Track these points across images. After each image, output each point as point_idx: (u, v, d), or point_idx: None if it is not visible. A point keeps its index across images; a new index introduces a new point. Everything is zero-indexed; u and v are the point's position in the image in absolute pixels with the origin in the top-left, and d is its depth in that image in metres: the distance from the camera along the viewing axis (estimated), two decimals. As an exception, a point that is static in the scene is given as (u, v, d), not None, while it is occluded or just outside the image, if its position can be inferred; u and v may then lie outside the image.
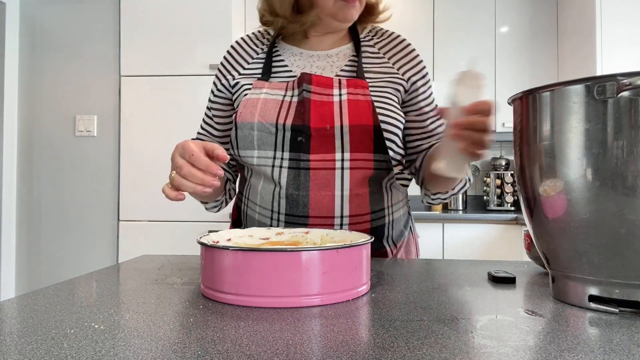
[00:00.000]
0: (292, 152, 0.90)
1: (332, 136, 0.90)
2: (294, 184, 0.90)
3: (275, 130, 0.90)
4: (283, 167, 0.91)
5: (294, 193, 0.90)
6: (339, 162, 0.90)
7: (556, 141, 0.52)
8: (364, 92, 0.92)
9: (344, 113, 0.90)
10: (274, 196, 0.92)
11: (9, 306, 0.54)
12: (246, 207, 1.00)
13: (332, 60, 1.00)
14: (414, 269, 0.80)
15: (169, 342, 0.42)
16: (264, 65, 0.99)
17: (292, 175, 0.91)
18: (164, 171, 2.82)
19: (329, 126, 0.89)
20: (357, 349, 0.40)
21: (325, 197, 0.90)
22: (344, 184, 0.90)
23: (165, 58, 2.85)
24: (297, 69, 0.98)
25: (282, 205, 0.92)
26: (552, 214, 0.53)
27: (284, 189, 0.91)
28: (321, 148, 0.90)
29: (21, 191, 3.00)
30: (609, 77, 0.47)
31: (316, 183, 0.90)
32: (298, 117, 0.90)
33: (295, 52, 1.01)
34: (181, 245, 2.75)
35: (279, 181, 0.91)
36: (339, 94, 0.92)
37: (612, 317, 0.50)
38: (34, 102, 3.01)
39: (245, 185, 1.01)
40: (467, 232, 2.75)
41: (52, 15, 3.01)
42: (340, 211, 0.91)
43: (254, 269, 0.54)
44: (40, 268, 2.96)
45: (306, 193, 0.90)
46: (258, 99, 0.93)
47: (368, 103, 0.91)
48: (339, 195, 0.90)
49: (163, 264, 0.82)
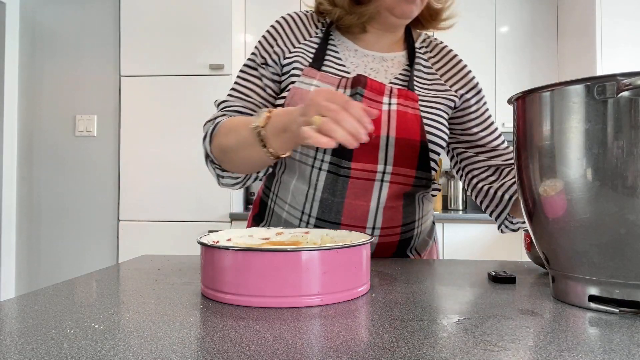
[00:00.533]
0: (334, 156, 0.87)
1: (377, 146, 0.86)
2: (330, 189, 0.88)
3: None
4: (322, 169, 0.88)
5: (329, 198, 0.88)
6: (379, 174, 0.87)
7: (556, 141, 0.52)
8: (414, 105, 0.89)
9: (391, 124, 0.87)
10: (307, 198, 0.89)
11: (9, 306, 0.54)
12: (273, 203, 0.96)
13: (387, 65, 0.96)
14: (414, 269, 0.80)
15: (169, 342, 0.42)
16: (317, 51, 0.94)
17: (330, 180, 0.87)
18: (164, 171, 2.82)
19: (375, 135, 0.85)
20: (357, 349, 0.40)
21: (360, 206, 0.88)
22: (381, 197, 0.88)
23: (165, 58, 2.85)
24: (351, 66, 0.94)
25: (314, 208, 0.89)
26: (552, 214, 0.53)
27: (319, 192, 0.88)
28: (364, 157, 0.86)
29: (21, 191, 3.00)
30: (609, 77, 0.47)
31: (353, 191, 0.87)
32: None
33: (350, 47, 0.97)
34: (181, 245, 2.75)
35: (315, 184, 0.88)
36: (389, 103, 0.88)
37: (612, 317, 0.50)
38: (34, 102, 3.01)
39: (274, 181, 0.97)
40: (467, 232, 2.75)
41: (52, 15, 3.01)
42: (373, 222, 0.89)
43: (254, 269, 0.54)
44: (40, 268, 2.96)
45: (341, 200, 0.87)
46: (308, 91, 0.87)
47: (417, 117, 0.88)
48: (374, 206, 0.88)
49: (163, 264, 0.82)
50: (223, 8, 2.83)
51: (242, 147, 0.80)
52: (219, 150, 0.86)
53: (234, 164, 0.87)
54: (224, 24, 2.83)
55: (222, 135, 0.85)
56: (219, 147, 0.86)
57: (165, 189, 2.82)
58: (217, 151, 0.87)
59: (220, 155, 0.87)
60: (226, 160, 0.87)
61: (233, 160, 0.85)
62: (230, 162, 0.86)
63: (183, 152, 2.82)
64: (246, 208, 3.04)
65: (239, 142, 0.80)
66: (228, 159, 0.86)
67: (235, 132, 0.82)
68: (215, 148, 0.87)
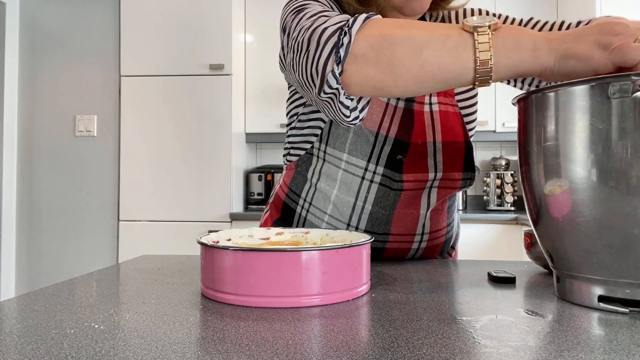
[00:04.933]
0: (387, 168, 0.80)
1: (425, 154, 0.81)
2: (381, 203, 0.83)
3: (374, 140, 0.78)
4: (374, 182, 0.81)
5: (380, 211, 0.83)
6: (429, 182, 0.83)
7: (567, 141, 0.51)
8: (452, 101, 0.84)
9: (436, 127, 0.81)
10: (354, 210, 0.84)
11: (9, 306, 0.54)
12: (306, 211, 0.89)
13: None
14: (414, 269, 0.80)
15: (169, 342, 0.42)
16: None
17: (382, 193, 0.82)
18: (164, 171, 2.82)
19: (421, 141, 0.80)
20: (357, 349, 0.40)
21: (409, 215, 0.85)
22: (430, 203, 0.85)
23: (165, 58, 2.85)
24: None
25: (362, 220, 0.84)
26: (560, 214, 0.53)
27: (369, 205, 0.83)
28: (414, 166, 0.81)
29: (21, 191, 3.00)
30: (623, 76, 0.47)
31: (404, 202, 0.84)
32: (403, 130, 0.78)
33: None
34: (181, 245, 2.75)
35: (365, 196, 0.83)
36: (429, 103, 0.82)
37: (612, 317, 0.50)
38: (34, 102, 3.01)
39: (307, 187, 0.88)
40: (467, 232, 2.75)
41: (52, 15, 3.01)
42: (422, 229, 0.87)
43: (254, 269, 0.54)
44: (40, 268, 2.97)
45: (391, 212, 0.84)
46: None
47: (457, 115, 0.84)
48: (424, 214, 0.85)
49: (163, 264, 0.82)
50: (223, 8, 2.83)
51: (435, 45, 0.55)
52: (376, 40, 0.57)
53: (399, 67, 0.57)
54: (224, 24, 2.83)
55: (387, 25, 0.59)
56: (379, 35, 0.57)
57: (165, 189, 2.82)
58: (373, 41, 0.58)
59: (377, 47, 0.57)
60: (382, 60, 0.57)
61: (403, 59, 0.56)
62: (391, 61, 0.57)
63: (183, 152, 2.82)
64: (246, 208, 3.04)
65: (432, 36, 0.56)
66: (390, 59, 0.57)
67: (417, 25, 0.58)
68: (368, 38, 0.58)
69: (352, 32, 0.57)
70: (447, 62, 0.54)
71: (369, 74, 0.58)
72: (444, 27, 0.55)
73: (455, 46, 0.53)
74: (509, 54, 0.53)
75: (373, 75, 0.58)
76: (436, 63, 0.55)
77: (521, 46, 0.53)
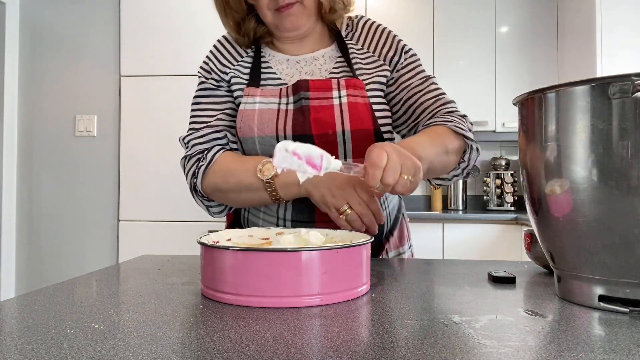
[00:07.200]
0: None
1: (335, 142, 0.88)
2: None
3: (276, 142, 0.87)
4: None
5: (302, 200, 0.89)
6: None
7: (567, 141, 0.51)
8: (362, 93, 0.91)
9: (345, 117, 0.88)
10: (279, 204, 0.91)
11: (9, 306, 0.54)
12: (247, 212, 0.99)
13: (319, 64, 0.97)
14: (414, 269, 0.80)
15: (169, 342, 0.42)
16: (251, 70, 0.97)
17: None
18: (164, 171, 2.82)
19: (331, 131, 0.88)
20: (357, 349, 0.40)
21: None
22: None
23: (165, 58, 2.85)
24: (287, 77, 0.96)
25: (288, 211, 0.92)
26: (561, 214, 0.53)
27: None
28: None
29: (21, 191, 3.00)
30: (624, 77, 0.47)
31: None
32: (298, 126, 0.88)
33: (281, 60, 0.99)
34: (181, 245, 2.75)
35: None
36: (339, 96, 0.90)
37: (612, 317, 0.50)
38: (34, 102, 3.01)
39: None
40: (467, 232, 2.75)
41: (52, 15, 3.01)
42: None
43: (254, 269, 0.54)
44: (40, 268, 2.96)
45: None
46: (254, 111, 0.91)
47: (367, 106, 0.90)
48: None
49: (163, 264, 0.82)
50: (223, 8, 2.83)
51: (244, 191, 0.88)
52: (213, 189, 0.91)
53: (231, 202, 0.94)
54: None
55: (217, 177, 0.90)
56: (214, 187, 0.90)
57: (165, 189, 2.82)
58: (211, 190, 0.91)
59: (215, 193, 0.92)
60: (221, 198, 0.93)
61: (231, 199, 0.92)
62: (226, 200, 0.93)
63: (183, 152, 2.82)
64: (246, 208, 3.05)
65: (241, 187, 0.87)
66: (224, 198, 0.92)
67: (234, 176, 0.88)
68: (209, 187, 0.91)
69: (203, 177, 0.92)
70: (255, 198, 0.89)
71: (214, 197, 0.94)
72: (248, 177, 0.86)
73: (257, 189, 0.86)
74: (286, 191, 0.85)
75: (214, 199, 0.95)
76: (250, 199, 0.90)
77: (290, 185, 0.84)
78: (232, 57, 1.00)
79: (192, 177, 0.93)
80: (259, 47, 1.01)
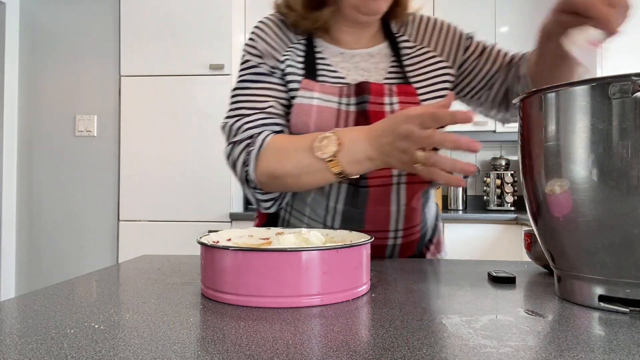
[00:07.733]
0: None
1: None
2: (351, 201, 0.87)
3: None
4: (342, 183, 0.86)
5: (351, 210, 0.87)
6: (395, 177, 0.86)
7: (568, 141, 0.51)
8: (414, 100, 0.88)
9: None
10: (327, 211, 0.89)
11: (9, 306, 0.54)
12: (289, 215, 0.94)
13: (375, 61, 0.93)
14: (414, 269, 0.80)
15: (169, 342, 0.42)
16: (306, 60, 0.90)
17: (351, 193, 0.87)
18: (164, 171, 2.82)
19: None
20: (357, 349, 0.40)
21: (381, 212, 0.87)
22: (400, 199, 0.88)
23: (165, 58, 2.85)
24: (344, 71, 0.91)
25: (336, 220, 0.89)
26: (561, 214, 0.53)
27: (340, 205, 0.87)
28: None
29: (21, 191, 3.00)
30: (624, 77, 0.47)
31: (374, 200, 0.87)
32: None
33: (335, 52, 0.94)
34: (181, 245, 2.75)
35: (336, 197, 0.88)
36: (390, 103, 0.86)
37: (612, 317, 0.50)
38: (34, 102, 3.01)
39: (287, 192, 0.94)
40: (467, 232, 2.75)
41: (52, 15, 3.01)
42: (395, 225, 0.89)
43: (254, 269, 0.54)
44: (40, 268, 2.96)
45: (362, 210, 0.87)
46: (311, 106, 0.85)
47: None
48: (395, 210, 0.88)
49: (163, 264, 0.82)
50: (223, 8, 2.83)
51: (305, 174, 0.78)
52: (268, 176, 0.82)
53: (289, 188, 0.84)
54: (224, 24, 2.83)
55: (271, 161, 0.81)
56: (268, 173, 0.81)
57: (165, 189, 2.82)
58: (266, 177, 0.82)
59: (270, 180, 0.82)
60: (278, 185, 0.83)
61: (290, 184, 0.81)
62: (284, 186, 0.83)
63: (183, 152, 2.82)
64: (246, 208, 3.04)
65: (301, 168, 0.78)
66: (282, 184, 0.82)
67: (290, 157, 0.79)
68: (263, 175, 0.82)
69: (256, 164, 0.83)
70: (317, 180, 0.79)
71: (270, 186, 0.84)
72: (306, 157, 0.76)
73: (318, 170, 0.76)
74: (353, 167, 0.74)
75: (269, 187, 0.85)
76: (312, 181, 0.79)
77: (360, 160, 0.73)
78: (282, 42, 0.93)
79: (243, 166, 0.84)
80: (311, 36, 0.94)
